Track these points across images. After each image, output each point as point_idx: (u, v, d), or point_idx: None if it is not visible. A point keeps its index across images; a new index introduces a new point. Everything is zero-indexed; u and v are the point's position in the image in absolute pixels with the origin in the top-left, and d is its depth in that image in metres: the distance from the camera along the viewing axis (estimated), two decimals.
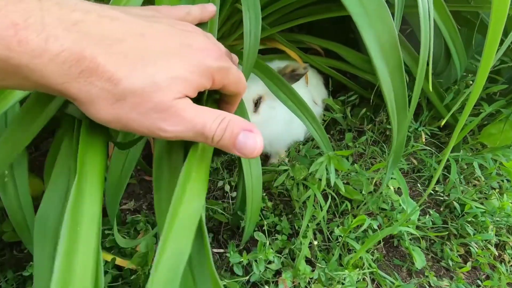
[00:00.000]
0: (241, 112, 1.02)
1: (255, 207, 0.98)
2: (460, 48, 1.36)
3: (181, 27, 0.45)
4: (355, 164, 1.34)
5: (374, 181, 1.28)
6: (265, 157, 1.68)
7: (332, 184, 1.13)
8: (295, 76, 1.39)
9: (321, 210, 1.20)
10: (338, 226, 1.17)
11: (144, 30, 0.39)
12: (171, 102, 0.39)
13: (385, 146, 1.57)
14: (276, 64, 1.49)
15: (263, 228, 1.18)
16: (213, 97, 0.59)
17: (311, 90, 1.68)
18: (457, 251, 1.26)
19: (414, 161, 1.49)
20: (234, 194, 1.40)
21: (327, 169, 1.17)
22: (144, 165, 1.32)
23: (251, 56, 0.95)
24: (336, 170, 1.20)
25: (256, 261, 1.02)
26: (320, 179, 1.18)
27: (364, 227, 1.08)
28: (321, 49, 1.77)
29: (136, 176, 1.53)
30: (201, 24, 0.59)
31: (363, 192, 1.25)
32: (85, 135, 0.49)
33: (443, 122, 1.40)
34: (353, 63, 1.64)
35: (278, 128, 1.43)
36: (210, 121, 0.43)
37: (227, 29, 1.57)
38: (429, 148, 1.44)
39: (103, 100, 0.37)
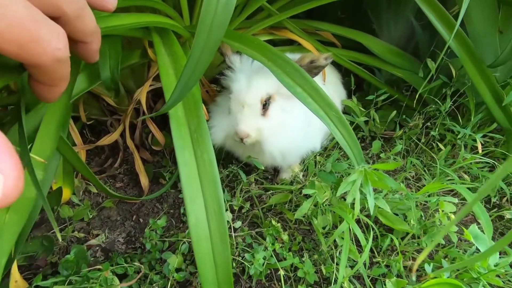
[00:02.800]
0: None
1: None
2: None
3: None
4: None
5: (420, 205, 0.93)
6: (274, 172, 1.32)
7: (372, 212, 0.77)
8: (313, 69, 1.04)
9: (352, 241, 0.84)
10: (384, 277, 0.81)
11: None
12: None
13: (430, 158, 1.22)
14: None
15: (278, 273, 0.82)
16: None
17: (329, 89, 1.33)
18: None
19: (466, 176, 1.14)
20: None
21: (361, 190, 0.82)
22: None
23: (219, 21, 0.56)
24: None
25: None
26: (352, 203, 0.83)
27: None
28: (339, 40, 1.43)
29: (113, 200, 1.17)
30: None
31: (412, 222, 0.89)
32: None
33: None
34: (381, 56, 1.30)
35: (293, 136, 1.07)
36: None
37: None
38: (488, 160, 1.08)
39: None
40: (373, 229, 0.92)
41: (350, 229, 0.83)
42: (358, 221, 0.94)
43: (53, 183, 1.04)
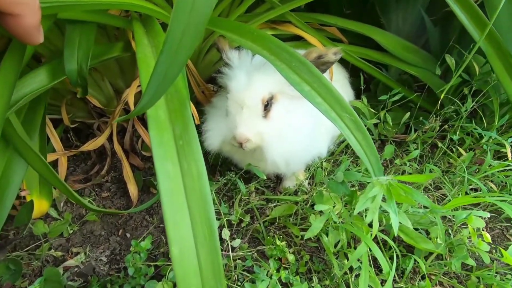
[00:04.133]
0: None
1: None
2: None
3: None
4: None
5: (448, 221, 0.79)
6: (276, 180, 1.18)
7: (396, 232, 0.63)
8: (321, 65, 0.91)
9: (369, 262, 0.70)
10: None
11: None
12: None
13: (447, 165, 1.08)
14: None
15: None
16: None
17: (337, 88, 1.19)
18: None
19: (492, 186, 1.00)
20: None
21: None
22: None
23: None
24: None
25: None
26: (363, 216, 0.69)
27: None
28: (345, 36, 1.29)
29: (98, 215, 1.03)
30: None
31: (438, 240, 0.75)
32: None
33: None
34: (393, 52, 1.16)
35: (298, 140, 0.93)
36: None
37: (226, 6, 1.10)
38: None
39: None
40: (390, 246, 0.78)
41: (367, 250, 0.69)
42: (373, 238, 0.80)
43: (26, 194, 0.90)
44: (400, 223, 0.78)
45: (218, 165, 1.20)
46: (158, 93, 0.46)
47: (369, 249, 0.72)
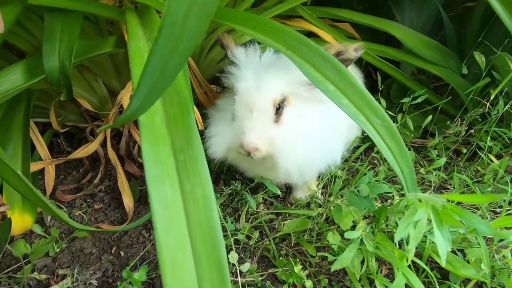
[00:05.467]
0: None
1: None
2: None
3: None
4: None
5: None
6: (286, 189, 1.07)
7: (444, 263, 0.52)
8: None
9: None
10: None
11: None
12: None
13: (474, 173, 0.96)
14: None
15: None
16: None
17: None
18: None
19: None
20: None
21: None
22: None
23: None
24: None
25: None
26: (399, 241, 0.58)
27: None
28: (359, 33, 1.18)
29: (90, 233, 0.91)
30: None
31: (482, 266, 0.64)
32: None
33: None
34: (414, 49, 1.05)
35: (312, 147, 0.81)
36: None
37: None
38: None
39: None
40: (421, 269, 0.66)
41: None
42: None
43: (6, 210, 0.78)
44: (432, 242, 0.67)
45: (223, 173, 1.09)
46: (153, 93, 0.34)
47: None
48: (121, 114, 0.83)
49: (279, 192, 0.82)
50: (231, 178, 1.07)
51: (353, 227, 0.76)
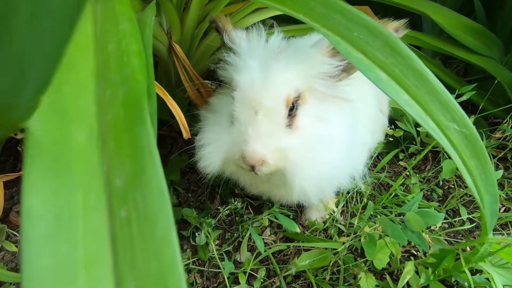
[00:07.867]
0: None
1: None
2: None
3: None
4: None
5: None
6: (297, 208, 0.85)
7: None
8: None
9: None
10: None
11: None
12: None
13: None
14: (316, 37, 0.67)
15: None
16: None
17: (377, 89, 0.86)
18: None
19: None
20: None
21: None
22: None
23: None
24: None
25: None
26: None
27: None
28: (379, 16, 0.97)
29: None
30: None
31: None
32: None
33: None
34: (454, 35, 0.83)
35: (334, 158, 0.60)
36: None
37: None
38: None
39: None
40: None
41: None
42: None
43: None
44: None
45: (219, 186, 0.88)
46: None
47: None
48: None
49: (298, 230, 0.61)
50: (230, 193, 0.86)
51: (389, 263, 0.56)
